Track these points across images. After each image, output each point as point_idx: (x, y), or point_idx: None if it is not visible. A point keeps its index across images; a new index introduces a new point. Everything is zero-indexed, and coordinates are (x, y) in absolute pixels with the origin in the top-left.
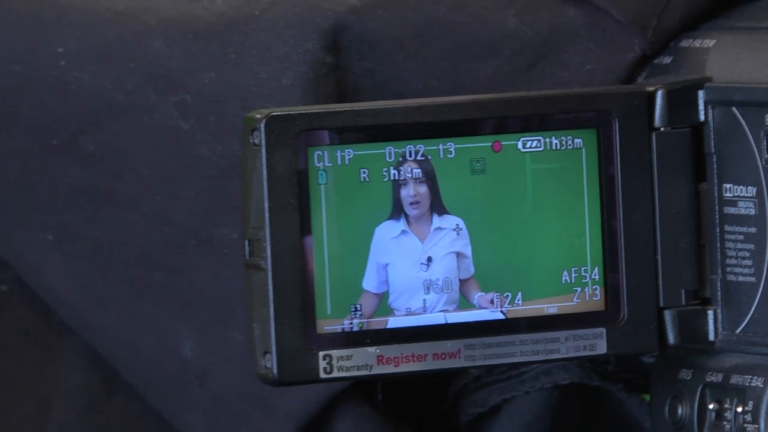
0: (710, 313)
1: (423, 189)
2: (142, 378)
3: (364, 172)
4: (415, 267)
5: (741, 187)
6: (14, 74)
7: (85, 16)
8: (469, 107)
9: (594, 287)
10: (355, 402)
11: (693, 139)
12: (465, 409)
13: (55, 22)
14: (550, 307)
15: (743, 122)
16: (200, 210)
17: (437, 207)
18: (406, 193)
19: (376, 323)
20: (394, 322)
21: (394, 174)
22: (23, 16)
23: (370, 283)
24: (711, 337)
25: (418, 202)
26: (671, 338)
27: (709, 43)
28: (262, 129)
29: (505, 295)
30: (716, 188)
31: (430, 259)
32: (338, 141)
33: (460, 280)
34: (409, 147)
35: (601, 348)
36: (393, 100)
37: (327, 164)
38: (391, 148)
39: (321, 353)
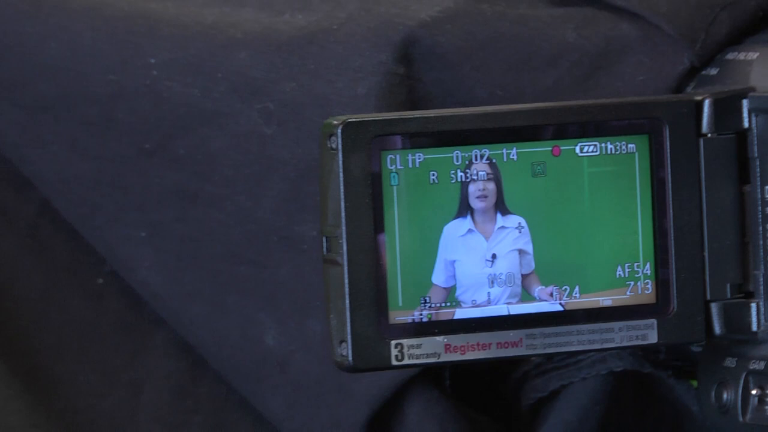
0: (753, 305)
1: (490, 188)
2: (227, 365)
3: (433, 175)
4: (480, 263)
5: None
6: (110, 83)
7: (175, 29)
8: (530, 114)
9: (646, 281)
10: (425, 387)
11: (737, 145)
12: (526, 394)
13: (148, 34)
14: (605, 299)
15: None
16: (281, 209)
17: (501, 207)
18: (474, 188)
19: (444, 314)
20: (460, 314)
21: (461, 176)
22: (119, 29)
23: (438, 277)
24: (754, 327)
25: (485, 197)
26: (717, 329)
27: (753, 55)
28: (339, 134)
29: (563, 288)
30: (759, 190)
31: (494, 256)
32: (409, 145)
33: (521, 274)
34: (475, 151)
35: (652, 338)
36: (460, 107)
37: (399, 167)
38: (459, 152)
39: (393, 342)
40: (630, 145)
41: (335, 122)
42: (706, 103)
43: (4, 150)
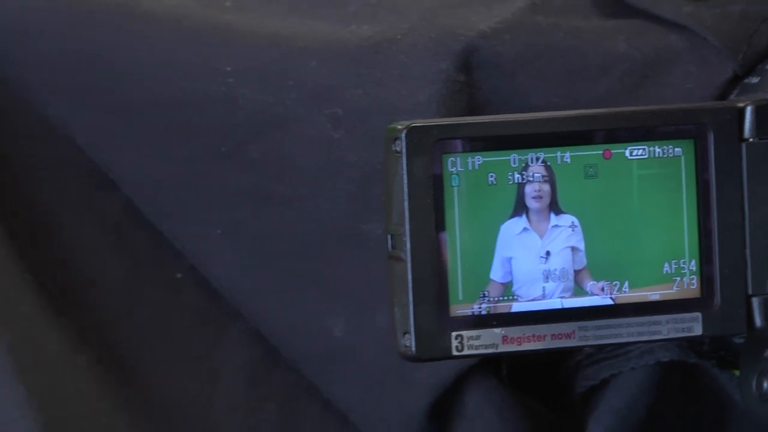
0: None
1: (545, 189)
2: (298, 355)
3: (492, 176)
4: (535, 260)
5: None
6: (186, 89)
7: (250, 39)
8: (583, 120)
9: (691, 277)
10: (483, 376)
11: None
12: (579, 382)
13: (224, 44)
14: (653, 294)
15: None
16: (349, 209)
17: (554, 207)
18: (530, 189)
19: (502, 308)
20: (517, 307)
21: (518, 178)
22: (197, 39)
23: (496, 273)
24: None
25: (540, 197)
26: (758, 322)
27: None
28: (403, 138)
29: (613, 283)
30: None
31: (548, 253)
32: (469, 149)
33: (574, 270)
34: (531, 154)
35: (697, 330)
36: (517, 113)
37: (459, 169)
38: (516, 155)
39: (453, 333)
40: (676, 149)
41: (399, 127)
42: (748, 110)
43: (91, 152)
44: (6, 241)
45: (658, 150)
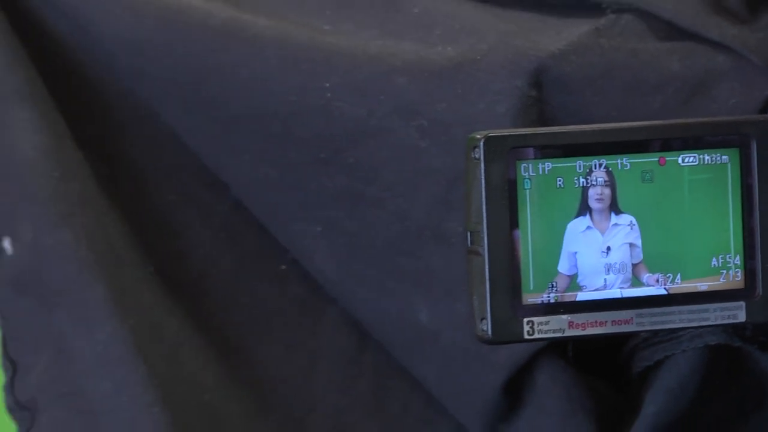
0: None
1: (606, 192)
2: (388, 338)
3: (560, 180)
4: (597, 254)
5: None
6: (290, 103)
7: (346, 58)
8: (641, 130)
9: (736, 270)
10: (552, 357)
11: None
12: (636, 363)
13: (323, 62)
14: (702, 285)
15: None
16: (433, 209)
17: (615, 208)
18: (593, 192)
19: (568, 297)
20: (581, 296)
21: (583, 182)
22: (299, 58)
23: (563, 266)
24: None
25: (602, 199)
26: None
27: None
28: (482, 146)
29: (667, 275)
30: None
31: (609, 249)
32: (540, 156)
33: (632, 264)
34: (595, 161)
35: (741, 317)
36: (582, 124)
37: (531, 174)
38: (581, 161)
39: (525, 319)
40: (723, 157)
41: (478, 136)
42: None
43: (204, 158)
44: (131, 238)
45: (707, 157)
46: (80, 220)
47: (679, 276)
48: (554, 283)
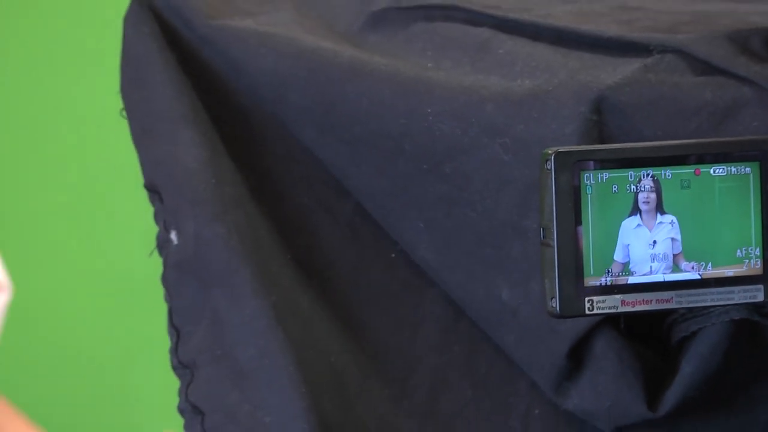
0: None
1: (652, 196)
2: (476, 313)
3: (615, 187)
4: (645, 246)
5: None
6: (401, 125)
7: (444, 89)
8: (681, 147)
9: (756, 260)
10: (607, 329)
11: None
12: (674, 334)
13: (426, 93)
14: (728, 271)
15: None
16: (514, 210)
17: (660, 209)
18: (642, 196)
19: (621, 280)
20: (632, 280)
21: (633, 188)
22: (407, 89)
23: (618, 255)
24: None
25: (649, 202)
26: None
27: None
28: (553, 160)
29: (701, 263)
30: None
31: (654, 242)
32: (599, 167)
33: (673, 254)
34: (643, 171)
35: (760, 297)
36: (633, 142)
37: (592, 182)
38: (632, 172)
39: (586, 298)
40: (747, 168)
41: (550, 152)
42: None
43: (331, 169)
44: (273, 233)
45: (733, 169)
46: (232, 217)
47: (710, 264)
48: (610, 269)
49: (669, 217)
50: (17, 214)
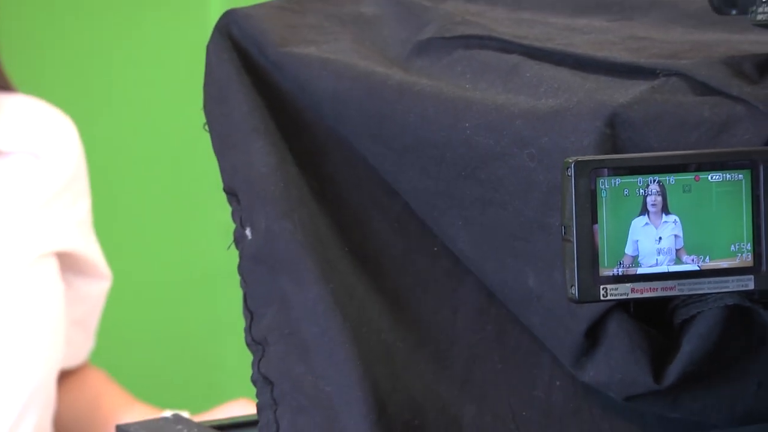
0: None
1: (658, 199)
2: (507, 297)
3: (626, 191)
4: (652, 242)
5: None
6: (443, 136)
7: (480, 106)
8: (683, 157)
9: (747, 253)
10: (619, 312)
11: None
12: (677, 317)
13: (465, 109)
14: (724, 263)
15: None
16: (539, 209)
17: (665, 210)
18: (650, 199)
19: (631, 271)
20: (640, 271)
21: (642, 192)
22: (448, 105)
23: (628, 249)
24: None
25: (655, 204)
26: None
27: None
28: (573, 167)
29: (700, 257)
30: None
31: (660, 238)
32: (612, 174)
33: (676, 249)
34: (651, 178)
35: (751, 286)
36: (642, 152)
37: (606, 186)
38: (641, 178)
39: (601, 286)
40: (739, 176)
41: (570, 160)
42: None
43: (383, 173)
44: (332, 228)
45: (728, 176)
46: (297, 215)
47: (708, 257)
48: (621, 262)
49: (672, 217)
50: (118, 213)
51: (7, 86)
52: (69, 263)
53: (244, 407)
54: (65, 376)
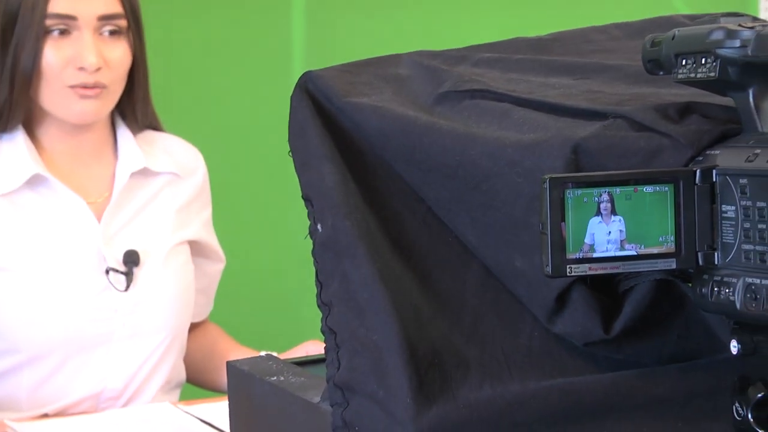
0: (715, 253)
1: (608, 205)
2: (500, 274)
3: (585, 199)
4: (604, 235)
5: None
6: (455, 160)
7: (482, 138)
8: (626, 175)
9: (671, 243)
10: (580, 283)
11: (711, 189)
12: (620, 287)
13: (471, 141)
14: (654, 250)
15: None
16: (525, 212)
17: (613, 212)
18: (603, 205)
19: (588, 255)
20: (595, 255)
21: (597, 199)
22: (459, 138)
23: (587, 240)
24: (717, 262)
25: (607, 208)
26: (701, 262)
27: (718, 151)
28: (548, 182)
29: (638, 245)
30: (719, 207)
31: (609, 232)
32: (575, 186)
33: (620, 240)
34: (603, 189)
35: (673, 265)
36: (596, 172)
37: (571, 195)
38: (596, 189)
39: (567, 266)
40: (665, 188)
41: (546, 177)
42: (698, 172)
43: (413, 186)
44: (378, 224)
45: (658, 188)
46: (353, 215)
47: (643, 245)
48: (582, 249)
49: (618, 217)
50: (232, 214)
51: (158, 127)
52: (197, 249)
53: (314, 347)
54: (193, 328)
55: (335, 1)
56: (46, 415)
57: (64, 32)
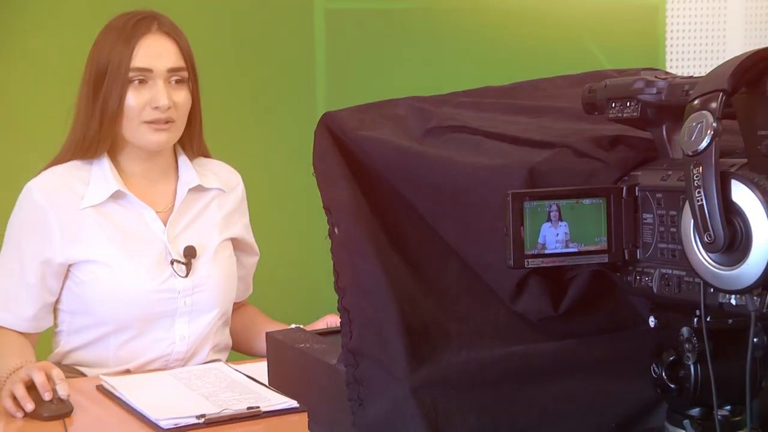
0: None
1: (557, 213)
2: (475, 265)
3: (539, 209)
4: (554, 236)
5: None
6: (443, 181)
7: (460, 164)
8: (570, 190)
9: (604, 242)
10: (535, 273)
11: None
12: (567, 275)
13: (452, 165)
14: (591, 247)
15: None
16: (494, 219)
17: (560, 219)
18: (552, 213)
19: (541, 251)
20: (547, 251)
21: (548, 209)
22: (447, 165)
23: (540, 240)
24: (639, 256)
25: (556, 216)
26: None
27: (639, 172)
28: (511, 197)
29: (579, 244)
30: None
31: (558, 234)
32: (532, 200)
33: (566, 240)
34: (553, 202)
35: (605, 259)
36: (548, 188)
37: (528, 206)
38: (547, 201)
39: (525, 259)
40: (600, 200)
41: (509, 192)
42: (624, 188)
43: (413, 201)
44: (381, 229)
45: (596, 201)
46: (363, 221)
47: (583, 244)
48: (536, 247)
49: (564, 223)
50: (269, 215)
51: (207, 155)
52: (237, 245)
53: (333, 319)
54: (236, 307)
55: (350, 57)
56: (128, 371)
57: (142, 81)
